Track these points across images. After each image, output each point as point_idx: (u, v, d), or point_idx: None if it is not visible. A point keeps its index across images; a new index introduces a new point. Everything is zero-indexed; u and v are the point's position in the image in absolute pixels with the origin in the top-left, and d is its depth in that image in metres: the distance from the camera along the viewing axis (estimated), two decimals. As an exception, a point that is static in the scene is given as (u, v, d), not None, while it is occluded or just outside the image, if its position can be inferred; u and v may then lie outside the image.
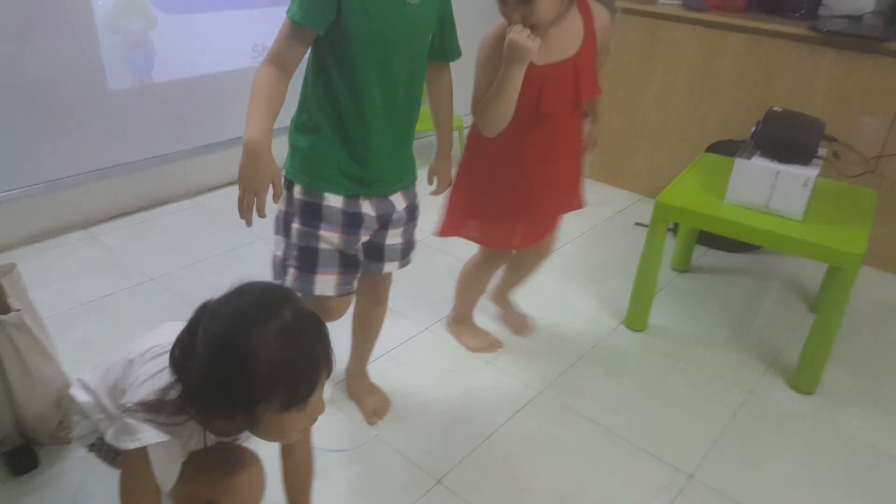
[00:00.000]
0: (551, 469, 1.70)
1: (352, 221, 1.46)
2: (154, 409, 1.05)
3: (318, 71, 1.38)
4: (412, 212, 1.59)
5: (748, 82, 2.85)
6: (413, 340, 2.15)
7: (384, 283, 1.70)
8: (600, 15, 1.63)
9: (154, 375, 1.08)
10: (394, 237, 1.57)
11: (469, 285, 2.07)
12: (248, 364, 0.96)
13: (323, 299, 1.48)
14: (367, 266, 1.58)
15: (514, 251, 1.98)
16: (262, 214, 1.26)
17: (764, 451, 1.79)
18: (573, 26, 1.58)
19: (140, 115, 2.70)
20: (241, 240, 2.64)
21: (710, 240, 2.78)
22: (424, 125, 1.73)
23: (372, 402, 1.82)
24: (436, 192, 1.71)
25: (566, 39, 1.58)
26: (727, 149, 2.61)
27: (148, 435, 1.04)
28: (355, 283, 1.55)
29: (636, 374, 2.06)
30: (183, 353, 1.03)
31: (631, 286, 2.24)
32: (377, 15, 1.30)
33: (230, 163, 1.26)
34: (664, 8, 3.03)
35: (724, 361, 2.14)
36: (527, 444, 1.77)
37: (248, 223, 1.26)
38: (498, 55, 1.51)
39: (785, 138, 1.99)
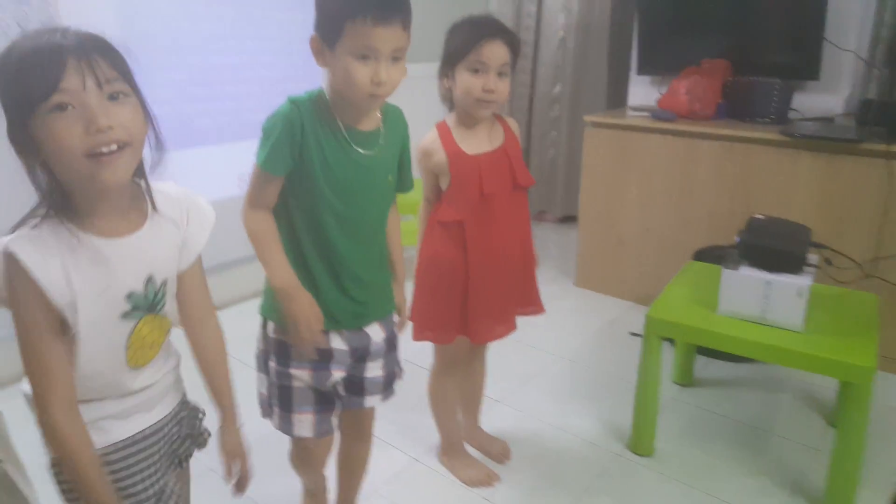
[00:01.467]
0: None
1: (321, 358, 1.41)
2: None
3: (280, 213, 1.36)
4: (391, 341, 1.53)
5: (727, 187, 2.83)
6: (402, 474, 2.00)
7: (367, 417, 1.62)
8: (510, 120, 1.86)
9: None
10: (374, 369, 1.50)
11: (439, 400, 1.98)
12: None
13: (303, 440, 1.46)
14: (347, 401, 1.51)
15: (464, 355, 1.93)
16: (321, 345, 1.37)
17: None
18: (495, 126, 1.81)
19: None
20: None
21: (711, 349, 2.67)
22: (408, 240, 1.73)
23: (364, 558, 1.67)
24: (399, 326, 1.63)
25: (492, 134, 1.79)
26: (714, 255, 2.56)
27: (8, 238, 0.97)
28: (334, 422, 1.49)
29: (647, 509, 1.90)
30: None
31: (632, 401, 2.12)
32: (336, 165, 1.31)
33: (215, 285, 1.26)
34: (633, 120, 3.06)
35: (743, 489, 1.97)
36: None
37: (313, 356, 1.39)
38: (427, 165, 1.74)
39: (771, 247, 1.93)
